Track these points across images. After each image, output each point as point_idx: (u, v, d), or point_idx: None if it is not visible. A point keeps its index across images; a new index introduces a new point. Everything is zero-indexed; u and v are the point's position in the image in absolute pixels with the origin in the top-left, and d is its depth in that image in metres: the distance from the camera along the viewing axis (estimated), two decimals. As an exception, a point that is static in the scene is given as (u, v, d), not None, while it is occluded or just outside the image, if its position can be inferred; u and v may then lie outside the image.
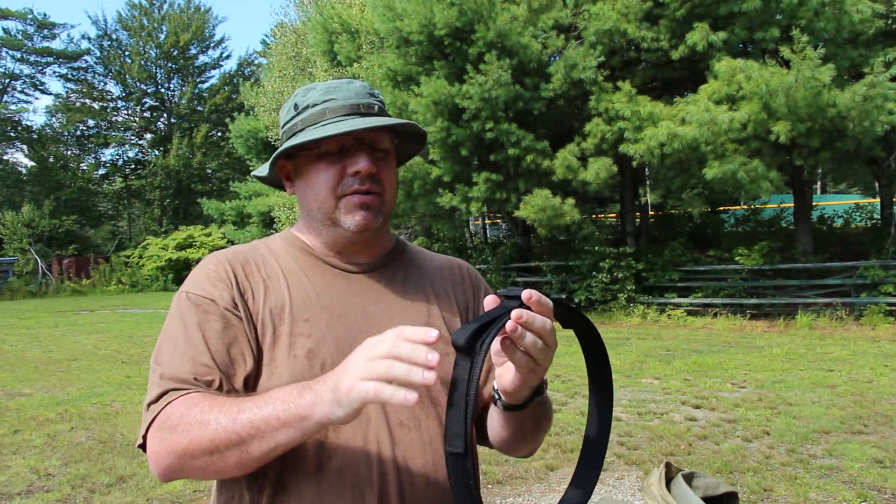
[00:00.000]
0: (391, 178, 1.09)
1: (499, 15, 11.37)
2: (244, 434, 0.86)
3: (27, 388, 7.66)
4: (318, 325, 1.04)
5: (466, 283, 1.22)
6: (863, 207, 16.28)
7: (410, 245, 1.25)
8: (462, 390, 0.78)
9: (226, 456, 0.87)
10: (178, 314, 1.03)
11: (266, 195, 21.84)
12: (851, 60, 10.57)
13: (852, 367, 7.63)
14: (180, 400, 0.93)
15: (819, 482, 4.12)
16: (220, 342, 0.99)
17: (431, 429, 1.05)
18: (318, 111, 1.07)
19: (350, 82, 1.10)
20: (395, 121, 1.05)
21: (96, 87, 41.62)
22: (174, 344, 1.00)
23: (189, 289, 1.05)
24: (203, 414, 0.89)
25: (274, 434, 0.85)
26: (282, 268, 1.09)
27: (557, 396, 6.50)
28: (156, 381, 0.97)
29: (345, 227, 1.07)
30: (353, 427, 0.99)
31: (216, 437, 0.87)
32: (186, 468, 0.91)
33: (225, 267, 1.07)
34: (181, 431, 0.89)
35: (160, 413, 0.93)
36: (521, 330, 0.82)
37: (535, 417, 1.06)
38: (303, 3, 22.71)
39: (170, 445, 0.90)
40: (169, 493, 4.20)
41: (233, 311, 1.02)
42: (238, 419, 0.86)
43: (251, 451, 0.86)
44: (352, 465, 0.98)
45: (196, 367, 0.97)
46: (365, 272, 1.12)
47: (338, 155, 1.05)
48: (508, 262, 15.32)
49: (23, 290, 27.20)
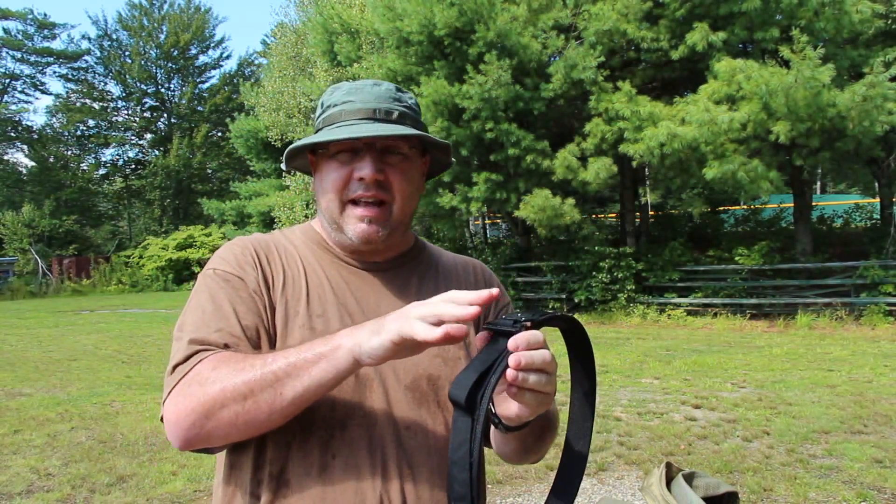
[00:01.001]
0: (403, 186, 1.07)
1: (499, 15, 11.37)
2: (280, 373, 0.86)
3: (27, 388, 7.67)
4: (331, 323, 1.04)
5: (481, 285, 1.22)
6: (863, 207, 16.27)
7: (429, 246, 1.25)
8: (465, 451, 0.75)
9: (259, 400, 0.87)
10: (206, 289, 1.02)
11: (266, 195, 21.83)
12: (851, 60, 10.58)
13: (852, 367, 7.63)
14: (212, 357, 0.92)
15: (819, 482, 4.12)
16: (249, 318, 1.00)
17: (438, 434, 1.05)
18: (336, 112, 1.07)
19: (376, 84, 1.09)
20: (403, 131, 1.03)
21: (96, 87, 41.68)
22: (202, 314, 0.99)
23: (218, 266, 1.05)
24: (236, 363, 0.89)
25: (309, 369, 0.86)
26: (301, 259, 1.10)
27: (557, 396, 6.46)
28: (183, 346, 0.95)
29: (349, 236, 1.07)
30: (359, 428, 0.99)
31: (250, 379, 0.87)
32: (213, 421, 0.88)
33: (251, 251, 1.07)
34: (212, 382, 0.88)
35: (190, 371, 0.92)
36: (524, 375, 0.80)
37: (538, 433, 1.05)
38: (303, 4, 22.73)
39: (197, 399, 0.88)
40: (169, 493, 4.20)
41: (258, 294, 1.02)
42: (274, 361, 0.88)
43: (285, 393, 0.86)
44: (355, 465, 0.98)
45: (225, 336, 0.96)
46: (380, 271, 1.12)
47: (349, 157, 1.05)
48: (508, 263, 15.32)
49: (23, 290, 27.20)
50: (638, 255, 13.52)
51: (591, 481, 4.27)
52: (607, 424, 5.49)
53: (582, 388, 0.92)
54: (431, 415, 1.05)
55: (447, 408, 1.06)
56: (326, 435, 0.98)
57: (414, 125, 1.08)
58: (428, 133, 1.10)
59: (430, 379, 1.06)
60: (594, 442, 5.01)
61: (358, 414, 1.00)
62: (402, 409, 1.03)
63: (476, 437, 0.75)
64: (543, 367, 0.81)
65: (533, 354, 0.80)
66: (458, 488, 0.75)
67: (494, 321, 0.83)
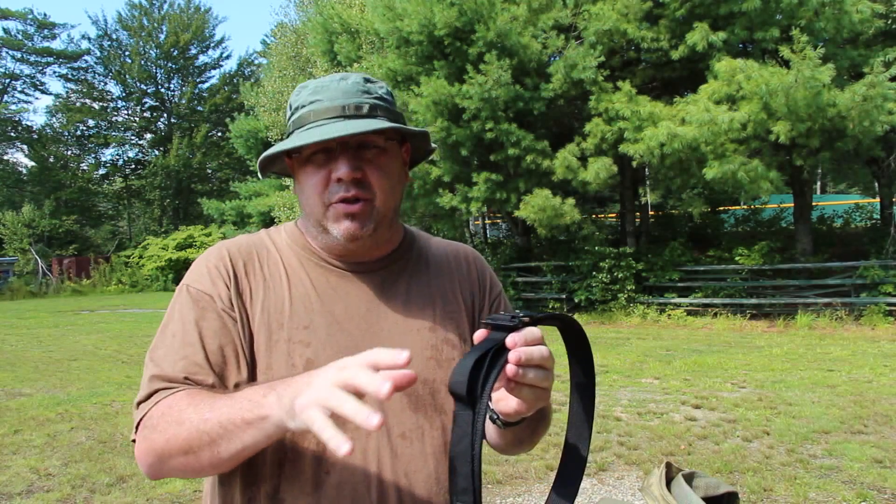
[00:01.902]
0: (382, 180, 1.03)
1: (499, 15, 11.37)
2: (213, 435, 0.85)
3: (27, 388, 7.66)
4: (318, 334, 1.01)
5: (473, 274, 1.19)
6: (863, 207, 16.27)
7: (419, 237, 1.21)
8: (467, 443, 0.75)
9: (199, 456, 0.87)
10: (178, 308, 1.02)
11: (266, 195, 21.84)
12: (851, 60, 10.57)
13: (852, 367, 7.63)
14: (166, 400, 0.93)
15: (819, 482, 4.12)
16: (215, 342, 0.98)
17: (435, 439, 1.04)
18: (305, 113, 1.03)
19: (343, 78, 1.05)
20: (374, 126, 0.98)
21: (96, 87, 41.65)
22: (171, 340, 0.99)
23: (190, 282, 1.04)
24: (180, 413, 0.89)
25: (240, 434, 0.84)
26: (285, 265, 1.07)
27: (557, 396, 6.48)
28: (146, 381, 0.97)
29: (334, 235, 1.03)
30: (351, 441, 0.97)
31: (189, 437, 0.87)
32: (167, 467, 0.92)
33: (226, 262, 1.04)
34: (160, 431, 0.90)
35: (147, 413, 0.94)
36: (523, 370, 0.80)
37: (533, 426, 1.05)
38: (303, 3, 22.73)
39: (150, 444, 0.91)
40: (169, 493, 4.20)
41: (229, 312, 1.00)
42: (209, 420, 0.86)
43: (221, 452, 0.86)
44: (350, 480, 0.96)
45: (189, 365, 0.96)
46: (368, 272, 1.09)
47: (324, 158, 1.02)
48: (508, 262, 15.32)
49: (23, 290, 27.19)
50: (638, 255, 13.52)
51: (591, 481, 4.27)
52: (607, 424, 5.49)
53: (580, 387, 0.92)
54: (429, 419, 1.04)
55: (445, 411, 1.05)
56: (318, 450, 0.96)
57: (388, 115, 1.04)
58: (404, 121, 1.07)
59: (426, 383, 1.05)
60: (594, 442, 5.01)
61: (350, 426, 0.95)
62: (398, 415, 1.01)
63: (478, 431, 0.75)
64: (542, 363, 0.81)
65: (532, 350, 0.80)
66: (461, 482, 0.75)
67: (493, 316, 0.83)
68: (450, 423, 1.02)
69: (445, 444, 1.03)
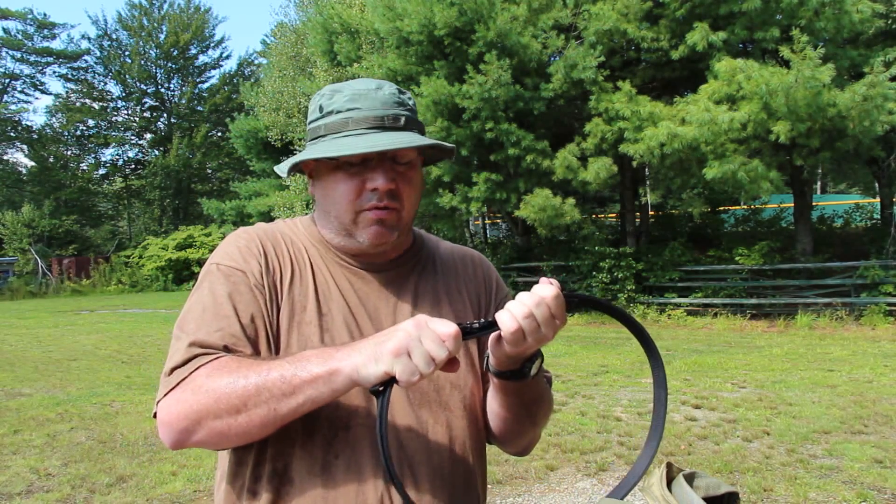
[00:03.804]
0: (411, 193, 1.07)
1: (499, 15, 11.37)
2: (275, 390, 0.87)
3: (27, 388, 7.66)
4: (336, 321, 1.05)
5: (479, 278, 1.23)
6: (863, 207, 16.27)
7: (428, 240, 1.24)
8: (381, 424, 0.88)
9: (252, 414, 0.88)
10: (208, 285, 1.02)
11: (266, 195, 21.83)
12: (851, 60, 10.57)
13: (852, 367, 7.63)
14: (209, 363, 0.93)
15: (819, 482, 4.12)
16: (248, 314, 1.00)
17: (439, 433, 1.06)
18: (341, 120, 1.03)
19: (379, 88, 1.06)
20: (420, 142, 1.02)
21: (96, 87, 41.63)
22: (202, 313, 0.99)
23: (219, 260, 1.05)
24: (232, 373, 0.90)
25: (305, 389, 0.87)
26: (309, 255, 1.10)
27: (557, 396, 6.50)
28: (182, 348, 0.96)
29: (359, 240, 1.06)
30: (362, 429, 1.00)
31: (246, 393, 0.88)
32: (202, 431, 0.90)
33: (256, 242, 1.07)
34: (207, 392, 0.90)
35: (187, 377, 0.93)
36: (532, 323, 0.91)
37: (535, 392, 1.08)
38: (303, 3, 22.73)
39: (189, 407, 0.90)
40: (169, 493, 4.20)
41: (259, 288, 1.03)
42: (269, 376, 0.88)
43: (279, 409, 0.88)
44: (358, 466, 0.99)
45: (227, 336, 0.97)
46: (380, 272, 1.12)
47: (358, 167, 1.03)
48: (508, 262, 15.32)
49: (23, 290, 27.19)
50: (638, 255, 13.52)
51: (591, 481, 4.27)
52: (607, 424, 5.49)
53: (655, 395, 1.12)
54: (433, 415, 1.07)
55: (449, 407, 1.08)
56: (330, 435, 0.99)
57: (417, 128, 1.08)
58: (424, 132, 1.11)
59: (431, 379, 1.07)
60: (594, 442, 5.02)
61: (362, 415, 1.01)
62: (405, 410, 1.04)
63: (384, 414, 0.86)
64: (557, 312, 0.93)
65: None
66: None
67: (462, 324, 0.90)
68: (453, 420, 1.08)
69: (449, 440, 1.07)
